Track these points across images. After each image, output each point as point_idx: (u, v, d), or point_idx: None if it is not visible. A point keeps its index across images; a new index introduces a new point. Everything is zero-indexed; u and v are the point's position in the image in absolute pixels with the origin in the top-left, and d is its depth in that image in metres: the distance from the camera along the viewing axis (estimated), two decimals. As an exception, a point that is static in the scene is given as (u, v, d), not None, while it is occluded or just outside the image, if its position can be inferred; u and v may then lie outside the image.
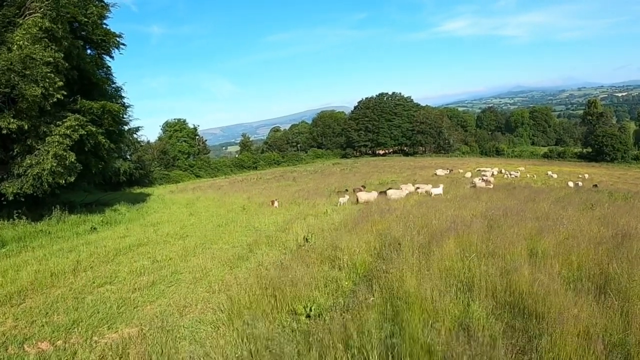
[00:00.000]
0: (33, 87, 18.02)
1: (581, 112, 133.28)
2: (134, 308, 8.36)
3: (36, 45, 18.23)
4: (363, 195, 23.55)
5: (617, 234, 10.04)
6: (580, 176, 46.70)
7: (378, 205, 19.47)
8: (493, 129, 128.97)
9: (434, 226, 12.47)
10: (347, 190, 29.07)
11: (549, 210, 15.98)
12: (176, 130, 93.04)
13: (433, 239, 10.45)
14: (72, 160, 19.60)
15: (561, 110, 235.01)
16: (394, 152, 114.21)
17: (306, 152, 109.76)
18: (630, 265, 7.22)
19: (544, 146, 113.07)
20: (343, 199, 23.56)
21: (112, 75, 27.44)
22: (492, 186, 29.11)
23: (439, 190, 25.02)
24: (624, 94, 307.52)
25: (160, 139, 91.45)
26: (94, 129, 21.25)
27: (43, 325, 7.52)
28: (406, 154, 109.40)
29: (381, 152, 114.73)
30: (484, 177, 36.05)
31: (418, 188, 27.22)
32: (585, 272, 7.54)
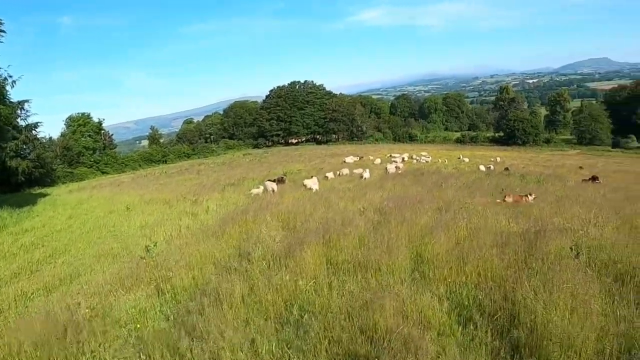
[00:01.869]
0: None
1: (493, 98, 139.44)
2: None
3: None
4: (308, 182, 21.25)
5: (529, 229, 7.85)
6: (492, 159, 46.14)
7: (266, 200, 16.55)
8: (407, 115, 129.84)
9: (310, 225, 9.74)
10: (283, 177, 25.87)
11: (454, 197, 13.91)
12: (80, 125, 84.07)
13: (297, 244, 7.63)
14: None
15: (474, 97, 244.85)
16: (307, 140, 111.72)
17: (217, 144, 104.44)
18: (548, 284, 4.81)
19: (457, 131, 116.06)
20: (257, 190, 21.44)
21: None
22: (401, 172, 27.37)
23: (367, 174, 24.62)
24: (534, 80, 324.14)
25: (63, 135, 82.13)
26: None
27: None
28: (319, 142, 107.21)
29: (294, 141, 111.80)
30: (394, 163, 34.43)
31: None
32: (484, 295, 5.02)
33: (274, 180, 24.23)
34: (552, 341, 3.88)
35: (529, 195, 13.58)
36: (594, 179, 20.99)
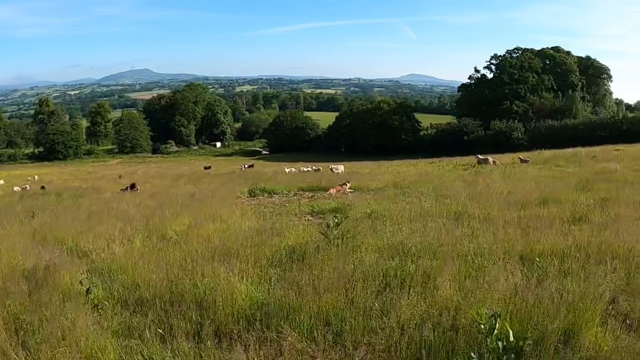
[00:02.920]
0: None
1: (33, 111, 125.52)
2: None
3: None
4: None
5: (37, 266, 6.22)
6: (29, 178, 41.88)
7: None
8: None
9: None
10: None
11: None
12: None
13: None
14: None
15: (13, 111, 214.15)
16: None
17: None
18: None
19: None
20: None
21: None
22: None
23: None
24: (76, 92, 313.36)
25: None
26: None
27: None
28: None
29: None
30: None
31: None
32: None
33: None
34: None
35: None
36: (132, 187, 21.46)
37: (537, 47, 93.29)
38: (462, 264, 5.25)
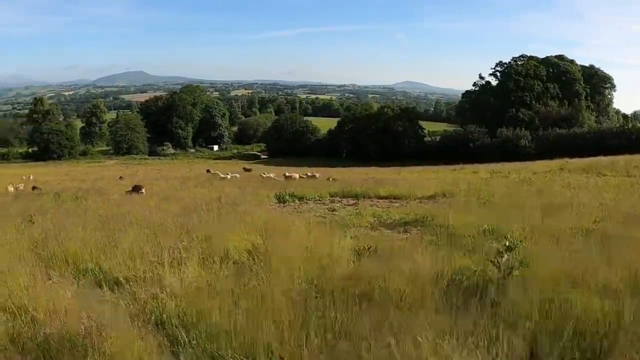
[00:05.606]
0: None
1: (27, 111, 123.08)
2: None
3: None
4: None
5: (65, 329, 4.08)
6: (24, 177, 39.49)
7: None
8: None
9: None
10: None
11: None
12: None
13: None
14: None
15: (8, 110, 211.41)
16: None
17: None
18: None
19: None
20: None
21: None
22: None
23: None
24: (71, 92, 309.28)
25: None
26: None
27: None
28: None
29: None
30: None
31: None
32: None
33: None
34: None
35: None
36: (136, 189, 19.44)
37: (537, 56, 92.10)
38: None
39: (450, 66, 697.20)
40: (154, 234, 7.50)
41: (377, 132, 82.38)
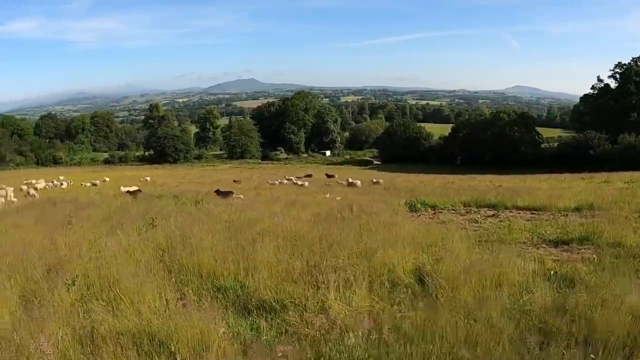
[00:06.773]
0: None
1: (143, 117, 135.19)
2: None
3: None
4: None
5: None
6: (142, 179, 42.26)
7: None
8: (52, 136, 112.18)
9: None
10: None
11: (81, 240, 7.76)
12: None
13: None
14: None
15: (124, 117, 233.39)
16: None
17: None
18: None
19: (106, 152, 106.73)
20: None
21: None
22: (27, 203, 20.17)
23: None
24: (184, 99, 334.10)
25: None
26: None
27: None
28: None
29: None
30: (30, 192, 26.90)
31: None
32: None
33: None
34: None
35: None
36: (225, 194, 18.99)
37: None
38: None
39: (562, 69, 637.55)
40: (294, 245, 6.15)
41: (492, 138, 77.21)
